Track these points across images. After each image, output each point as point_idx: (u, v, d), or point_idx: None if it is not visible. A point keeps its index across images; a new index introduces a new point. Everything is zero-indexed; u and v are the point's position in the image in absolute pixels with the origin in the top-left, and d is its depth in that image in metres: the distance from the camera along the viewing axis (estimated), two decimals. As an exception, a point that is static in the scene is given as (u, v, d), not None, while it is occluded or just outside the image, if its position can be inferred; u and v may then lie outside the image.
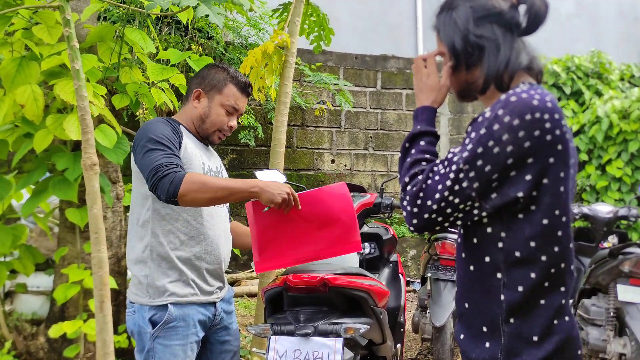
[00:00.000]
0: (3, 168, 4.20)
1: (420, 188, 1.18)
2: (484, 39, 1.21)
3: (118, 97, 2.67)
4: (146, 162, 1.67)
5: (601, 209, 3.88)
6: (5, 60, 2.34)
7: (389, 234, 3.03)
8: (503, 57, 1.20)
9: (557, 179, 1.15)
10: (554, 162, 1.14)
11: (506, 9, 1.21)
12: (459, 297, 1.32)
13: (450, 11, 1.26)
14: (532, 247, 1.16)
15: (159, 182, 1.61)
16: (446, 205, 1.16)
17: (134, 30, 2.60)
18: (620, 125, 6.31)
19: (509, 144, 1.11)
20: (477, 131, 1.15)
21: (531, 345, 1.17)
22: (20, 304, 3.60)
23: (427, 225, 1.20)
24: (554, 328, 1.18)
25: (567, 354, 1.19)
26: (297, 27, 3.29)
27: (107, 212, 3.01)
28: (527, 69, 1.24)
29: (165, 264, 1.78)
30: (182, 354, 1.78)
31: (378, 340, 2.18)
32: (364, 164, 6.31)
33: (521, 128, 1.11)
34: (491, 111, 1.15)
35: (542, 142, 1.12)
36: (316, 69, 5.76)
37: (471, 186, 1.14)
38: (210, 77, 1.93)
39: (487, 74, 1.21)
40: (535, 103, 1.12)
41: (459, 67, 1.26)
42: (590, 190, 6.69)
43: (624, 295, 3.19)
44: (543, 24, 1.21)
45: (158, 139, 1.71)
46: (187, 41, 4.57)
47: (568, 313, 1.21)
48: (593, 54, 7.17)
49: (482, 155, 1.13)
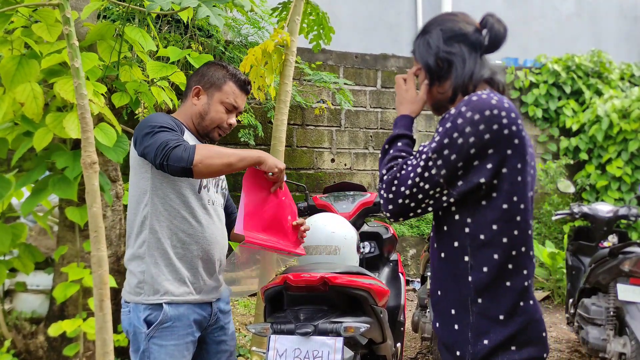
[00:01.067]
0: (3, 167, 4.20)
1: (395, 176, 1.36)
2: (452, 55, 1.41)
3: (118, 96, 2.66)
4: (153, 141, 1.66)
5: (601, 209, 3.88)
6: (4, 59, 2.34)
7: (389, 233, 3.02)
8: (468, 69, 1.40)
9: (515, 169, 1.30)
10: (511, 154, 1.29)
11: (471, 32, 1.42)
12: (432, 287, 1.46)
13: (425, 35, 1.47)
14: (494, 229, 1.31)
15: (171, 153, 1.61)
16: (417, 191, 1.32)
17: (134, 29, 2.59)
18: (621, 124, 6.31)
19: (471, 135, 1.27)
20: (444, 125, 1.32)
21: (498, 324, 1.30)
22: (19, 302, 3.60)
23: (402, 211, 1.37)
24: (519, 309, 1.31)
25: (530, 335, 1.32)
26: (297, 25, 3.28)
27: (106, 211, 3.01)
28: (489, 82, 1.43)
29: (162, 260, 1.77)
30: (178, 354, 1.77)
31: (378, 339, 2.18)
32: (364, 163, 6.31)
33: (481, 122, 1.27)
34: (456, 109, 1.32)
35: (500, 135, 1.28)
36: (316, 68, 5.75)
37: (439, 173, 1.30)
38: (209, 74, 1.92)
39: (455, 83, 1.41)
40: (493, 102, 1.29)
41: (433, 81, 1.47)
42: (590, 190, 6.69)
43: (624, 294, 3.19)
44: (503, 44, 1.41)
45: (162, 124, 1.72)
46: (187, 40, 4.56)
47: (532, 297, 1.35)
48: (593, 53, 7.17)
49: (448, 145, 1.29)
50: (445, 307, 1.38)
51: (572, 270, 3.98)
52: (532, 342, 1.33)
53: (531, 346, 1.32)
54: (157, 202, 1.78)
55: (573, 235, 4.14)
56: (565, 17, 8.57)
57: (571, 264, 4.01)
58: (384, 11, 7.63)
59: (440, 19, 1.46)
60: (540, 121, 7.09)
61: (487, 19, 1.41)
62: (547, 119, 7.12)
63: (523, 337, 1.31)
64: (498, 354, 1.30)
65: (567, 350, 4.05)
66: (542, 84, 6.99)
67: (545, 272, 5.68)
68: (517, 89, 7.08)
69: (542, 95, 6.98)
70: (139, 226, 1.80)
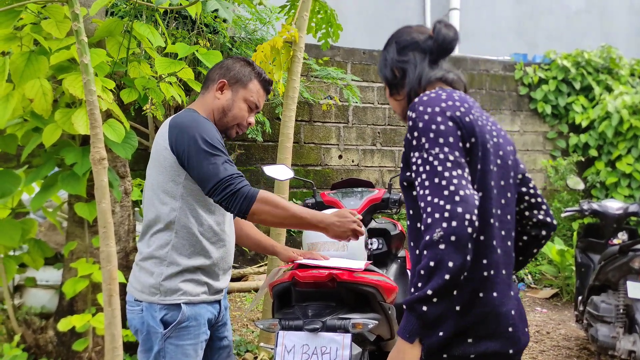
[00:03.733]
0: (13, 162, 4.23)
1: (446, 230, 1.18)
2: (405, 63, 1.49)
3: (127, 92, 2.66)
4: (208, 170, 1.65)
5: (611, 206, 3.85)
6: (14, 55, 2.34)
7: (396, 229, 3.01)
8: (418, 72, 1.46)
9: (476, 158, 1.31)
10: (474, 142, 1.31)
11: (422, 39, 1.49)
12: (409, 285, 1.42)
13: (383, 52, 1.56)
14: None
15: (232, 197, 1.63)
16: (459, 184, 1.22)
17: (143, 25, 2.59)
18: (631, 120, 6.25)
19: (440, 124, 1.28)
20: (413, 136, 1.31)
21: (453, 314, 1.26)
22: (29, 297, 3.62)
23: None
24: (478, 301, 1.28)
25: (491, 328, 1.29)
26: (306, 22, 3.27)
27: (115, 207, 3.02)
28: (443, 80, 1.47)
29: (184, 264, 1.74)
30: (194, 353, 1.76)
31: (386, 336, 2.18)
32: (372, 160, 6.30)
33: (436, 115, 1.29)
34: (409, 119, 1.33)
35: (463, 124, 1.30)
36: (323, 64, 5.74)
37: (453, 153, 1.26)
38: (235, 69, 1.88)
39: (408, 87, 1.47)
40: (443, 97, 1.34)
41: (392, 91, 1.53)
42: (599, 187, 6.64)
43: (633, 292, 3.17)
44: (454, 45, 1.48)
45: (212, 142, 1.69)
46: (194, 36, 4.56)
47: (499, 289, 1.31)
48: (603, 49, 7.11)
49: (435, 138, 1.27)
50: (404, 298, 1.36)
51: (581, 268, 3.96)
52: (492, 336, 1.29)
53: (491, 340, 1.29)
54: (186, 209, 1.74)
55: (582, 232, 4.11)
56: (574, 12, 8.49)
57: (580, 261, 3.98)
58: (391, 7, 7.60)
59: (397, 34, 1.55)
60: (550, 117, 7.04)
61: (436, 24, 1.49)
62: (557, 116, 7.07)
63: (482, 329, 1.28)
64: (452, 345, 1.27)
65: (576, 348, 4.03)
66: (551, 80, 6.94)
67: (554, 269, 5.65)
68: (526, 85, 7.03)
69: (552, 91, 6.93)
70: (161, 227, 1.75)
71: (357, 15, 7.39)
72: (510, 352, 1.32)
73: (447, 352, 1.28)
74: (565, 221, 6.44)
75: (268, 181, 5.40)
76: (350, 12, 7.33)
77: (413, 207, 1.37)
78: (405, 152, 1.36)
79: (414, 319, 1.19)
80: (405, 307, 1.21)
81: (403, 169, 1.39)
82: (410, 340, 1.21)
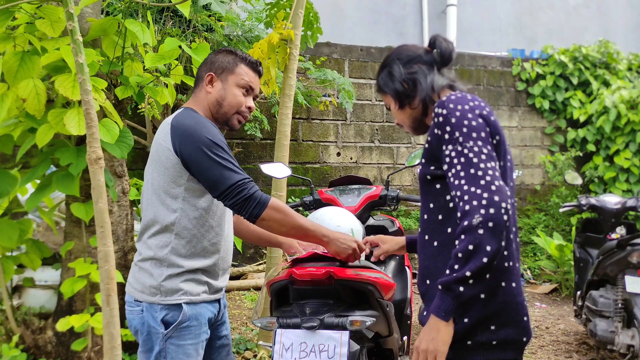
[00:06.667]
0: (10, 163, 4.22)
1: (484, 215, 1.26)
2: (414, 74, 1.57)
3: (121, 89, 2.66)
4: (219, 174, 1.67)
5: (609, 200, 3.85)
6: (7, 55, 2.34)
7: (395, 226, 3.01)
8: (430, 80, 1.55)
9: (499, 155, 1.42)
10: (499, 140, 1.42)
11: (423, 53, 1.60)
12: (420, 279, 1.51)
13: (385, 69, 1.62)
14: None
15: (245, 202, 1.67)
16: (493, 176, 1.30)
17: (134, 22, 2.58)
18: (629, 115, 6.25)
19: (472, 120, 1.37)
20: (445, 127, 1.38)
21: (478, 302, 1.35)
22: (28, 298, 3.62)
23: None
24: (500, 290, 1.37)
25: (510, 316, 1.38)
26: (301, 19, 3.27)
27: (113, 206, 3.02)
28: (450, 87, 1.57)
29: (185, 265, 1.74)
30: (195, 353, 1.75)
31: (384, 333, 2.18)
32: (370, 157, 6.29)
33: (468, 111, 1.38)
34: (437, 114, 1.41)
35: (486, 123, 1.39)
36: (321, 63, 5.73)
37: (487, 146, 1.35)
38: (219, 60, 1.89)
39: (422, 95, 1.55)
40: (468, 97, 1.44)
41: (403, 104, 1.58)
42: (598, 182, 6.64)
43: (632, 286, 3.17)
44: (453, 57, 1.58)
45: (221, 145, 1.71)
46: (189, 34, 4.55)
47: (515, 280, 1.40)
48: (601, 44, 7.10)
49: (469, 132, 1.35)
50: (434, 294, 1.38)
51: (579, 263, 3.96)
52: (511, 324, 1.37)
53: (510, 327, 1.37)
54: (188, 210, 1.74)
55: (581, 227, 4.11)
56: (572, 7, 8.48)
57: (579, 256, 3.98)
58: (389, 4, 7.58)
59: (394, 53, 1.64)
60: (547, 113, 7.04)
61: (435, 37, 1.59)
62: (554, 111, 7.06)
63: (503, 317, 1.36)
64: (477, 332, 1.35)
65: (575, 342, 4.04)
66: (549, 76, 6.93)
67: (552, 264, 5.65)
68: (523, 80, 7.02)
69: (549, 86, 6.92)
70: (161, 228, 1.74)
71: (355, 12, 7.37)
72: (524, 340, 1.40)
73: (471, 339, 1.36)
74: (563, 216, 6.44)
75: (266, 179, 5.39)
76: (348, 9, 7.32)
77: (434, 201, 1.45)
78: (432, 147, 1.43)
79: (450, 299, 1.28)
80: (442, 287, 1.29)
81: (426, 164, 1.47)
82: (446, 319, 1.30)
